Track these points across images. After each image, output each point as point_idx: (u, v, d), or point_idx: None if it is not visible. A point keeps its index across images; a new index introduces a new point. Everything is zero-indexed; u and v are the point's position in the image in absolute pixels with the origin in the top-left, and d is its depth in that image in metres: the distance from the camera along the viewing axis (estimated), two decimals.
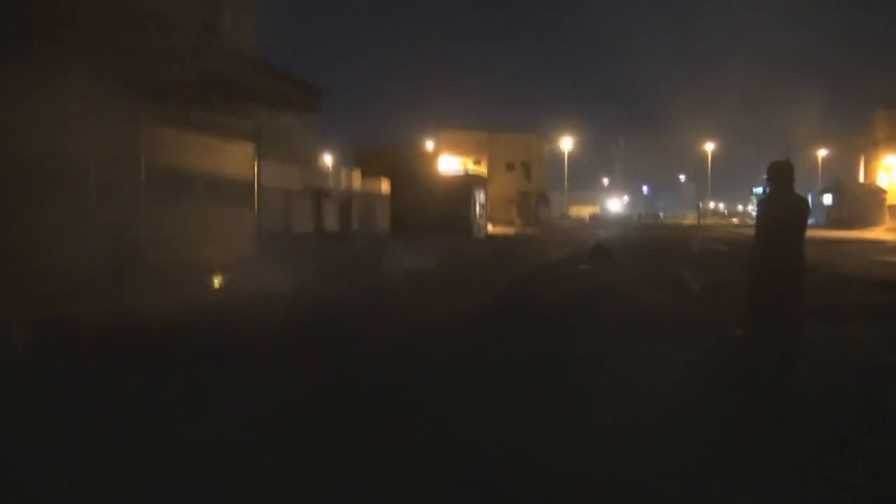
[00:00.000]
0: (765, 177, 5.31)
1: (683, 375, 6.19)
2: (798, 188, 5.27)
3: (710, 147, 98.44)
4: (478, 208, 30.24)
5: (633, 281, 14.64)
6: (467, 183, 30.48)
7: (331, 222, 48.98)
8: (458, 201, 28.65)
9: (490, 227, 54.53)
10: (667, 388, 5.73)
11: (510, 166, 68.75)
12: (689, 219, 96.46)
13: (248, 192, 11.53)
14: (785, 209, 5.02)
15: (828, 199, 73.41)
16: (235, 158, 11.11)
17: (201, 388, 5.68)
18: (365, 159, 68.22)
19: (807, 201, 5.37)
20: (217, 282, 10.38)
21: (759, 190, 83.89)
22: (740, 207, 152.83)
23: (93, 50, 8.54)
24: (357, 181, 57.70)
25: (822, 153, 78.62)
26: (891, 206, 56.19)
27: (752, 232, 5.52)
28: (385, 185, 36.38)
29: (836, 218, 65.27)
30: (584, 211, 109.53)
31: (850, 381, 5.57)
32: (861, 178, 63.50)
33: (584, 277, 15.50)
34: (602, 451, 4.32)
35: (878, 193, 57.99)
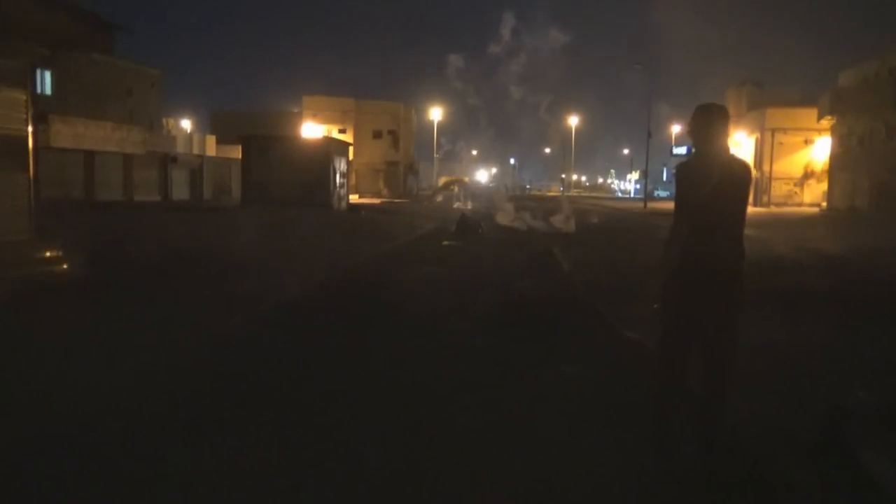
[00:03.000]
0: (686, 129, 3.69)
1: (581, 405, 4.63)
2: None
3: (573, 121, 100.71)
4: (338, 177, 27.97)
5: (502, 262, 13.23)
6: (327, 149, 28.02)
7: (180, 191, 45.03)
8: (316, 169, 26.22)
9: (356, 198, 52.36)
10: (561, 433, 4.12)
11: (377, 135, 66.53)
12: (554, 190, 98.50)
13: (19, 153, 8.85)
14: (721, 177, 3.45)
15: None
16: None
17: None
18: (223, 125, 63.70)
19: (749, 166, 3.77)
20: None
21: (680, 150, 64.39)
22: (600, 180, 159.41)
23: None
24: (212, 147, 53.53)
25: (676, 129, 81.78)
26: None
27: (612, 204, 3.83)
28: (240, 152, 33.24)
29: None
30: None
31: (804, 424, 4.09)
32: None
33: (448, 257, 13.91)
34: None
35: None
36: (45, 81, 32.78)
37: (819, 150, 52.62)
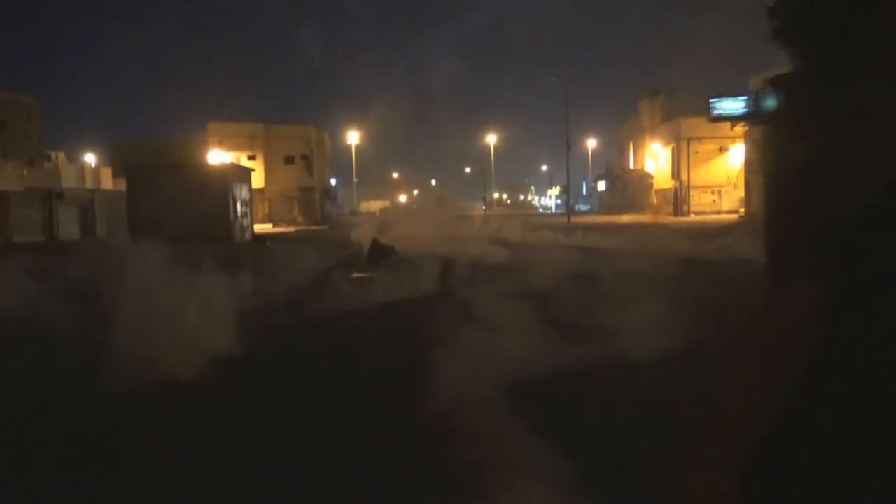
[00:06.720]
0: (775, 24, 1.16)
1: None
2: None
3: (491, 139, 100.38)
4: (240, 206, 25.30)
5: (416, 297, 11.10)
6: (225, 177, 25.37)
7: (70, 229, 40.99)
8: (213, 199, 23.52)
9: (269, 227, 49.34)
10: None
11: (289, 160, 63.61)
12: (477, 210, 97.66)
13: None
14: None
15: (601, 185, 77.17)
16: None
17: None
18: (123, 156, 59.53)
19: None
20: None
21: (732, 107, 42.90)
22: (521, 197, 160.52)
23: None
24: (108, 181, 49.50)
25: (592, 143, 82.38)
26: (658, 191, 59.36)
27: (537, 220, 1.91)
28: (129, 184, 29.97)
29: (610, 203, 68.45)
30: (375, 206, 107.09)
31: None
32: (631, 165, 66.85)
33: (354, 296, 11.64)
34: None
35: (646, 178, 61.13)
36: None
37: (734, 157, 53.11)
